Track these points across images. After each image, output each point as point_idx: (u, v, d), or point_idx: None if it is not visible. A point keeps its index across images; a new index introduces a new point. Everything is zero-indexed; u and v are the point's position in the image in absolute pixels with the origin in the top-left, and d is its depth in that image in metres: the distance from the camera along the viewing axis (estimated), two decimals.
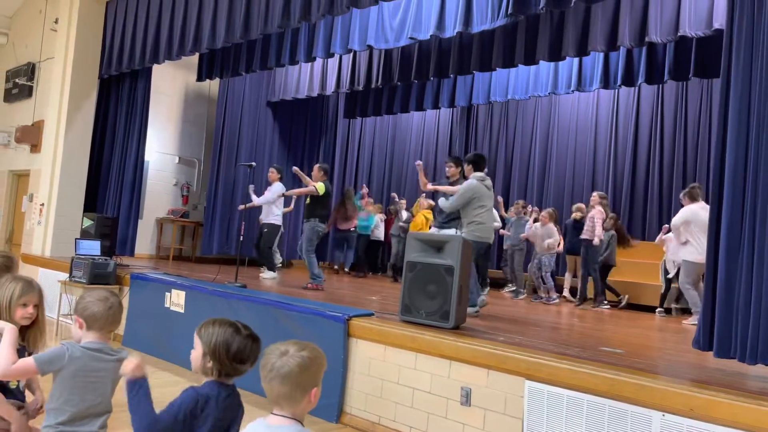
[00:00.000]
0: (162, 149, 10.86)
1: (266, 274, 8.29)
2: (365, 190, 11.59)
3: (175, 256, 10.81)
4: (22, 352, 2.37)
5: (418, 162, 6.81)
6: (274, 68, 9.49)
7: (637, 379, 3.23)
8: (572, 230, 8.58)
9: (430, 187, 6.16)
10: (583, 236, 8.01)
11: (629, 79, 8.24)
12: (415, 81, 9.58)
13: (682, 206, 7.08)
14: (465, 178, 5.96)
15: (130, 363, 1.95)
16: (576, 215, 8.56)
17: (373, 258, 11.96)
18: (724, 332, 3.44)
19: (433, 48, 8.82)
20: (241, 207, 8.32)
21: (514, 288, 9.10)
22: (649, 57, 7.96)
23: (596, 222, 7.93)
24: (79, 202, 9.10)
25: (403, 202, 11.24)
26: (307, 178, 7.38)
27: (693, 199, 6.93)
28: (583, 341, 4.62)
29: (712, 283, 3.58)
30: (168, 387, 5.07)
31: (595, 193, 8.39)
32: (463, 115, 12.89)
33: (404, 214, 10.98)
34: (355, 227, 10.81)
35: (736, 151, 3.54)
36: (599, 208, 8.05)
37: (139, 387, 1.91)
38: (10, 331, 2.19)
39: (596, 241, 7.89)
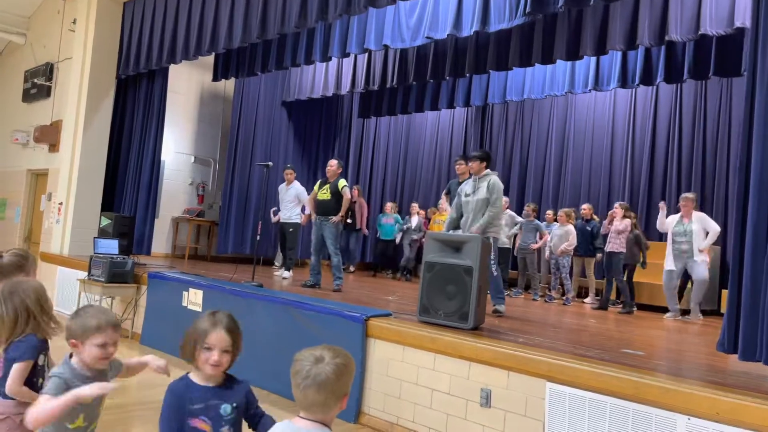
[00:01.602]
0: (178, 149, 10.92)
1: (286, 274, 8.30)
2: (388, 207, 11.60)
3: (191, 255, 10.86)
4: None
5: None
6: (289, 68, 9.51)
7: (662, 381, 3.19)
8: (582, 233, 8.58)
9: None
10: (612, 249, 7.92)
11: (648, 78, 8.14)
12: (431, 80, 9.56)
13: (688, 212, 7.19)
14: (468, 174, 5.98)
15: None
16: (596, 219, 8.58)
17: (385, 259, 11.96)
18: (750, 335, 3.39)
19: (449, 47, 8.78)
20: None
21: (515, 290, 9.22)
22: (668, 55, 7.86)
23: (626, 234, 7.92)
24: (96, 201, 9.17)
25: (415, 206, 11.25)
26: (345, 203, 7.17)
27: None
28: (603, 343, 4.57)
29: (738, 286, 3.52)
30: None
31: (617, 205, 8.22)
32: (478, 115, 12.83)
33: (414, 220, 10.96)
34: (360, 227, 11.00)
35: (762, 150, 3.48)
36: (628, 221, 8.00)
37: None
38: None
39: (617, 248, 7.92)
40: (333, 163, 7.39)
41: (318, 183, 7.48)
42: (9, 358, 2.33)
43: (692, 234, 7.18)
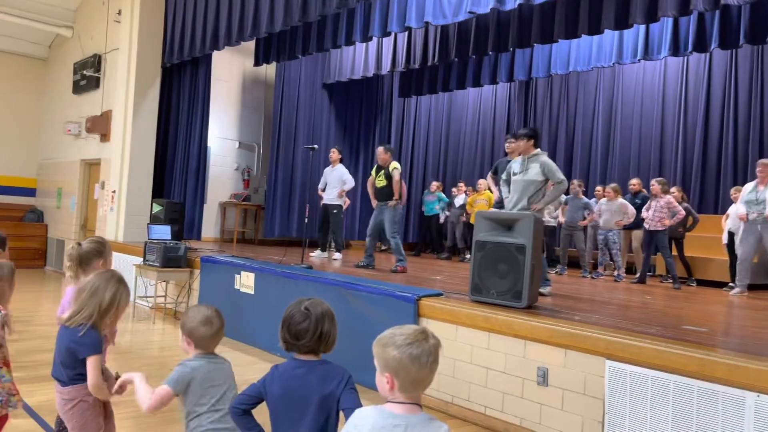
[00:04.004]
0: (222, 135, 11.08)
1: (337, 255, 8.40)
2: (434, 186, 11.58)
3: (239, 239, 11.07)
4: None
5: None
6: (330, 50, 9.49)
7: (729, 358, 3.09)
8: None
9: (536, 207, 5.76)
10: (654, 227, 7.67)
11: (701, 45, 7.82)
12: (473, 56, 9.39)
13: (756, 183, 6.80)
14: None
15: None
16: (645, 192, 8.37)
17: (428, 236, 11.97)
18: None
19: (492, 21, 8.60)
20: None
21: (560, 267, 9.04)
22: (722, 20, 7.52)
23: (677, 211, 7.65)
24: (147, 188, 9.42)
25: (462, 185, 11.19)
26: (395, 185, 7.17)
27: None
28: (662, 320, 4.47)
29: None
30: (243, 366, 5.21)
31: (654, 181, 7.89)
32: (522, 90, 12.58)
33: (460, 199, 10.89)
34: None
35: None
36: (669, 197, 7.71)
37: None
38: (140, 376, 2.31)
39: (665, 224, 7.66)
40: (380, 150, 7.39)
41: (374, 169, 7.50)
42: (73, 347, 2.35)
43: (765, 203, 6.59)
